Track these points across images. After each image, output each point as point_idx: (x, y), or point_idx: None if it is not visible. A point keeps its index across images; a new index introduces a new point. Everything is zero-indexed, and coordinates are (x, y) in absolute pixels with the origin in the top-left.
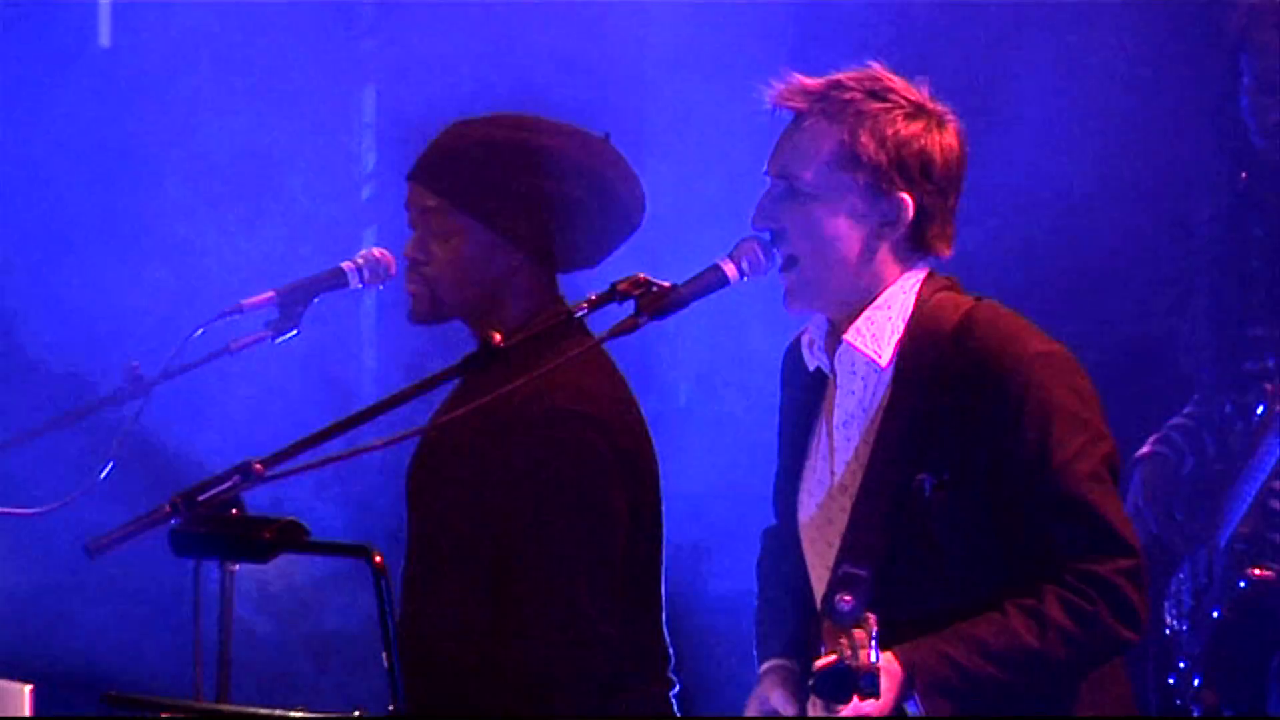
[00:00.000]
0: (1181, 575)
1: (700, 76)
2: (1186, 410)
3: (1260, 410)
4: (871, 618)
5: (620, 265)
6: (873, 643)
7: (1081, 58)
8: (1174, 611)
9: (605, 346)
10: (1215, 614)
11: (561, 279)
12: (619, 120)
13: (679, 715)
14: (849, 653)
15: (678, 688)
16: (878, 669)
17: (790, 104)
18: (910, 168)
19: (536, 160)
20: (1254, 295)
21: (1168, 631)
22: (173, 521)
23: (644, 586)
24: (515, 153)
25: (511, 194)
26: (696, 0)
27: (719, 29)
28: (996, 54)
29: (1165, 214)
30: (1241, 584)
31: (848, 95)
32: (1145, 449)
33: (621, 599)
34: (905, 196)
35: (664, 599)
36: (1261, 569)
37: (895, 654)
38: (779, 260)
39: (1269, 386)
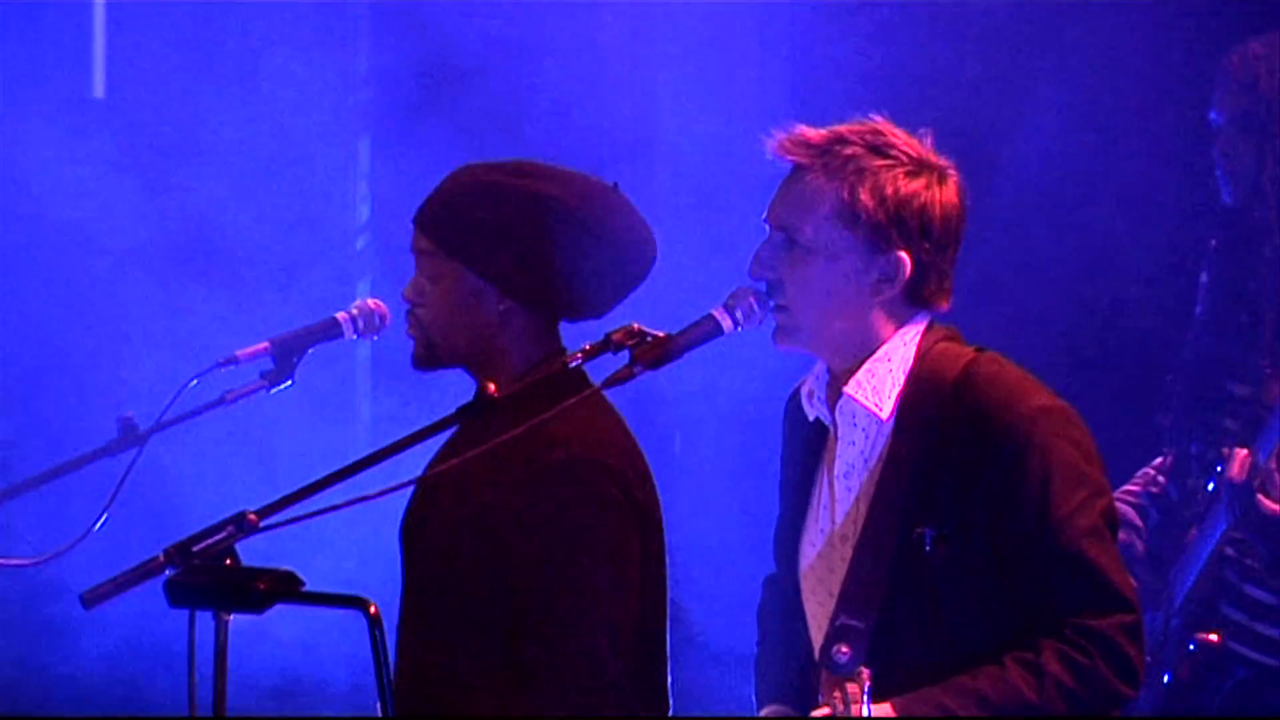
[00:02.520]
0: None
1: (702, 122)
2: (1156, 462)
3: (1220, 470)
4: (865, 672)
5: (615, 311)
6: (865, 697)
7: (1080, 109)
8: None
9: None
10: (1166, 677)
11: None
12: (617, 168)
13: None
14: (841, 707)
15: None
16: None
17: (792, 156)
18: (909, 226)
19: (531, 205)
20: (1236, 351)
21: None
22: (167, 572)
23: (651, 634)
24: (504, 195)
25: (499, 239)
26: (701, 43)
27: (723, 75)
28: (993, 102)
29: (1165, 266)
30: (1190, 646)
31: (849, 150)
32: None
33: (633, 646)
34: (903, 254)
35: (668, 647)
36: (1208, 633)
37: (892, 704)
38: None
39: (1225, 450)
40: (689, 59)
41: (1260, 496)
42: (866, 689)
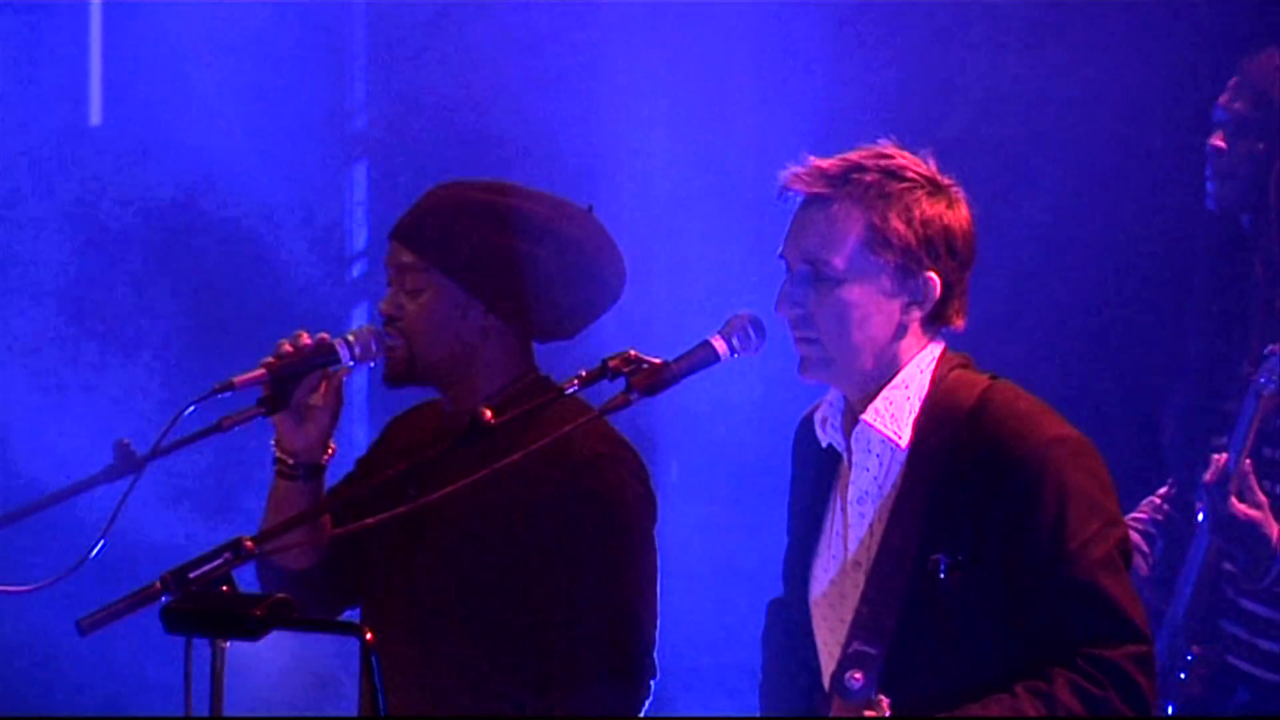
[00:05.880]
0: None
1: (701, 145)
2: (1161, 490)
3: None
4: (885, 700)
5: (611, 338)
6: None
7: (1082, 127)
8: None
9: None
10: (1170, 708)
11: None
12: (614, 193)
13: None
14: None
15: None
16: None
17: (811, 189)
18: (937, 246)
19: (510, 221)
20: (1233, 369)
21: None
22: (164, 599)
23: None
24: (490, 213)
25: (482, 252)
26: (704, 65)
27: (712, 104)
28: (995, 123)
29: (1160, 284)
30: (1189, 656)
31: (869, 177)
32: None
33: None
34: (932, 275)
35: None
36: (1202, 647)
37: None
38: (794, 338)
39: (1216, 457)
40: (685, 87)
41: (1233, 499)
42: (887, 716)
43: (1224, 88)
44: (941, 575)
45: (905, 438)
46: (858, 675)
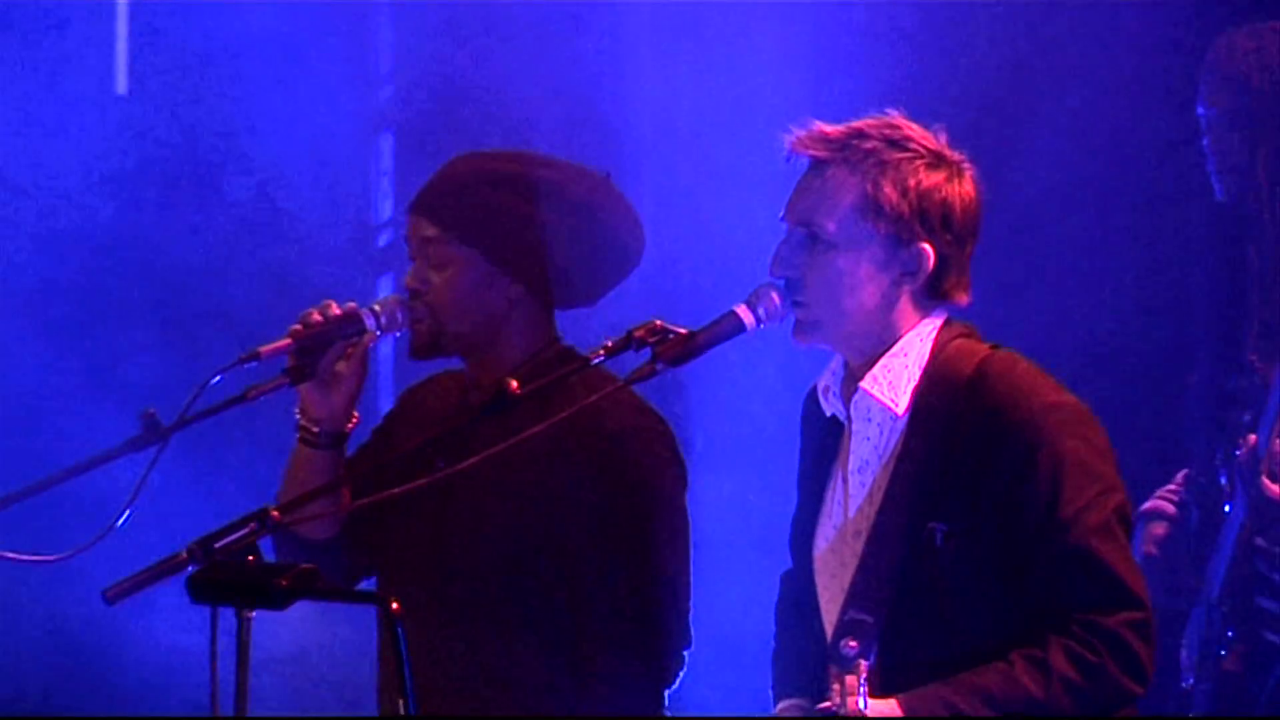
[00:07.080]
0: (1190, 630)
1: (719, 122)
2: (1183, 472)
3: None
4: (863, 664)
5: (638, 308)
6: (861, 689)
7: (1083, 122)
8: (1186, 664)
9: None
10: (1199, 687)
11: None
12: (636, 164)
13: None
14: (838, 699)
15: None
16: (864, 718)
17: (811, 152)
18: (931, 218)
19: (532, 190)
20: (1244, 349)
21: (1184, 685)
22: (190, 568)
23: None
24: (511, 182)
25: (507, 223)
26: (717, 44)
27: (735, 74)
28: (1001, 105)
29: (1168, 265)
30: (1229, 634)
31: (869, 144)
32: (1150, 504)
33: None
34: (926, 247)
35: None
36: (1238, 629)
37: (899, 701)
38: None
39: (1241, 440)
40: (707, 58)
41: (1264, 479)
42: (863, 679)
43: (1202, 70)
44: (938, 543)
45: (903, 405)
46: (852, 643)
